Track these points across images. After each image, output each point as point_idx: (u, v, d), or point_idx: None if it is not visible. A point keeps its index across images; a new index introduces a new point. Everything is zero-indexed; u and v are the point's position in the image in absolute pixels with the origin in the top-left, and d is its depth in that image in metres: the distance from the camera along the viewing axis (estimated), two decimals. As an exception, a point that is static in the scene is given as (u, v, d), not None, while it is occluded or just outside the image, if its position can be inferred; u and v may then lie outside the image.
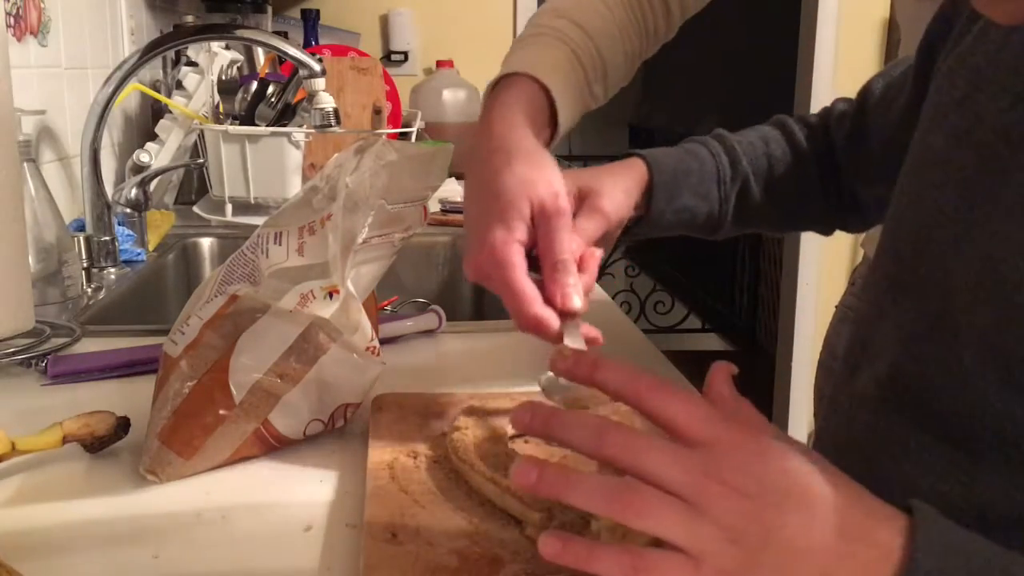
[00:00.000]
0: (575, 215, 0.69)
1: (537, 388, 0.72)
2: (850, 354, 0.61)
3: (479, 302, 1.51)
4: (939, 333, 0.51)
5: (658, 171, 0.76)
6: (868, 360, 0.57)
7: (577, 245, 0.65)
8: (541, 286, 0.62)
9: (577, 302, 0.61)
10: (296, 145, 1.54)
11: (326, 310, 0.63)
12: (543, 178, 0.64)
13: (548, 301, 0.60)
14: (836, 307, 1.09)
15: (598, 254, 0.68)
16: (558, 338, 0.60)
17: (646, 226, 0.77)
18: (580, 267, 0.63)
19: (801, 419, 3.01)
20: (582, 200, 0.71)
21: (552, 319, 0.60)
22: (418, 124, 1.86)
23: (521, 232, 0.62)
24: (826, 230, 0.86)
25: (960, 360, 0.49)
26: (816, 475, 0.39)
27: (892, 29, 2.97)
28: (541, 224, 0.63)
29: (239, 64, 1.71)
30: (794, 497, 0.38)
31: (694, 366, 0.64)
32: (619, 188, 0.73)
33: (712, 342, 4.43)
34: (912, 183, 0.58)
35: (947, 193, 0.52)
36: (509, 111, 0.70)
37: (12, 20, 1.21)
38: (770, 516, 0.38)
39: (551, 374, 0.60)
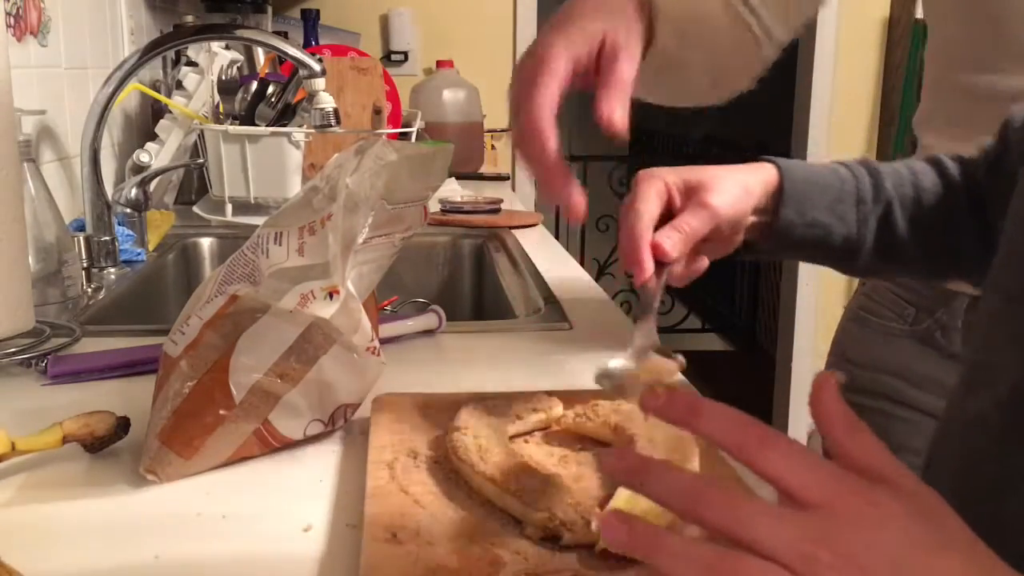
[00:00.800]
0: (680, 211, 0.66)
1: (537, 388, 0.72)
2: (965, 376, 0.58)
3: (479, 302, 1.51)
4: None
5: (789, 176, 0.68)
6: (986, 381, 0.54)
7: (674, 241, 0.63)
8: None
9: (668, 246, 0.61)
10: (296, 145, 1.54)
11: (326, 310, 0.63)
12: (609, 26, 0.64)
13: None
14: (845, 307, 1.09)
15: (702, 263, 0.66)
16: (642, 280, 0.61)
17: (774, 239, 0.70)
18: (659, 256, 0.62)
19: (801, 419, 3.02)
20: (689, 195, 0.66)
21: (649, 261, 0.61)
22: (418, 124, 1.86)
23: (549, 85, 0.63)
24: (978, 278, 0.72)
25: None
26: (941, 546, 0.36)
27: (892, 28, 2.97)
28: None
29: (239, 64, 1.71)
30: (915, 571, 0.35)
31: (694, 366, 0.64)
32: (735, 183, 0.67)
33: (712, 342, 4.43)
34: None
35: None
36: None
37: (12, 20, 1.21)
38: None
39: (611, 364, 0.60)
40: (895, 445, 0.97)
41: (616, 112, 0.63)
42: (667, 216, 0.66)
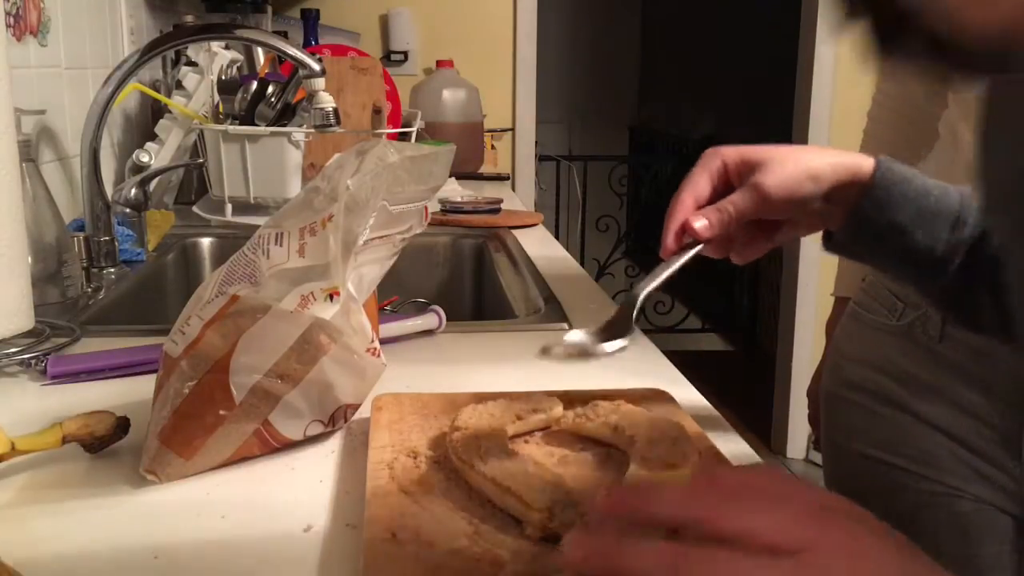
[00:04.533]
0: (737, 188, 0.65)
1: (537, 388, 0.72)
2: None
3: (479, 302, 1.51)
4: None
5: (884, 170, 0.64)
6: None
7: (710, 222, 0.63)
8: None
9: (667, 244, 0.63)
10: (296, 145, 1.54)
11: (327, 312, 0.63)
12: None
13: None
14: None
15: (764, 245, 0.66)
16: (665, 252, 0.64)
17: (849, 231, 0.66)
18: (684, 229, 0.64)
19: (801, 420, 3.01)
20: (745, 173, 0.65)
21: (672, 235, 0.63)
22: (418, 124, 1.86)
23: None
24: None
25: None
26: (918, 573, 0.36)
27: (892, 29, 2.97)
28: None
29: (239, 64, 1.71)
30: None
31: (694, 366, 0.64)
32: (797, 165, 0.63)
33: (712, 342, 4.43)
34: None
35: None
36: None
37: (12, 20, 1.21)
38: None
39: (567, 339, 0.61)
40: (874, 441, 0.98)
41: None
42: (727, 192, 0.65)
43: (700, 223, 0.63)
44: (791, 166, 0.64)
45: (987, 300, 0.63)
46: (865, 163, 0.65)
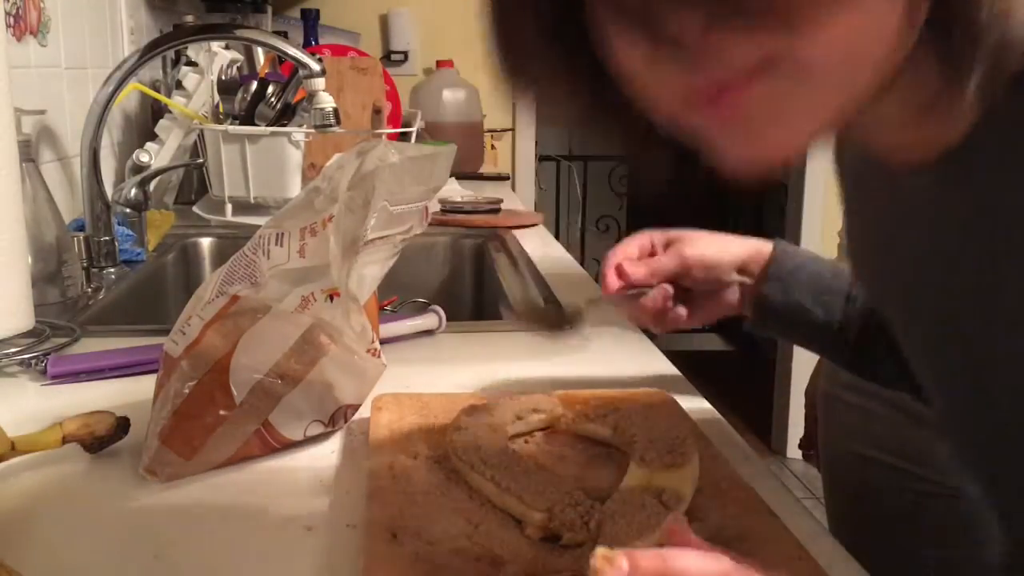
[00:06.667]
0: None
1: (537, 388, 0.72)
2: None
3: (479, 302, 1.51)
4: None
5: (782, 254, 0.73)
6: None
7: (636, 269, 0.73)
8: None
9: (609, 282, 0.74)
10: (296, 145, 1.54)
11: (327, 312, 0.63)
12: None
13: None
14: None
15: (682, 312, 0.75)
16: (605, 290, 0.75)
17: (759, 313, 0.74)
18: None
19: (801, 420, 3.01)
20: (667, 246, 0.75)
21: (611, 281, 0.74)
22: (418, 124, 1.86)
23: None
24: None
25: None
26: None
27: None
28: None
29: (239, 64, 1.71)
30: None
31: (694, 366, 0.64)
32: (713, 241, 0.74)
33: (712, 342, 4.43)
34: None
35: None
36: None
37: (12, 20, 1.21)
38: None
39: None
40: (873, 441, 0.98)
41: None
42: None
43: (631, 267, 0.73)
44: (707, 240, 0.74)
45: (887, 357, 0.68)
46: (766, 245, 0.74)
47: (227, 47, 1.68)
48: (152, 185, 1.48)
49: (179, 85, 1.64)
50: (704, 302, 0.76)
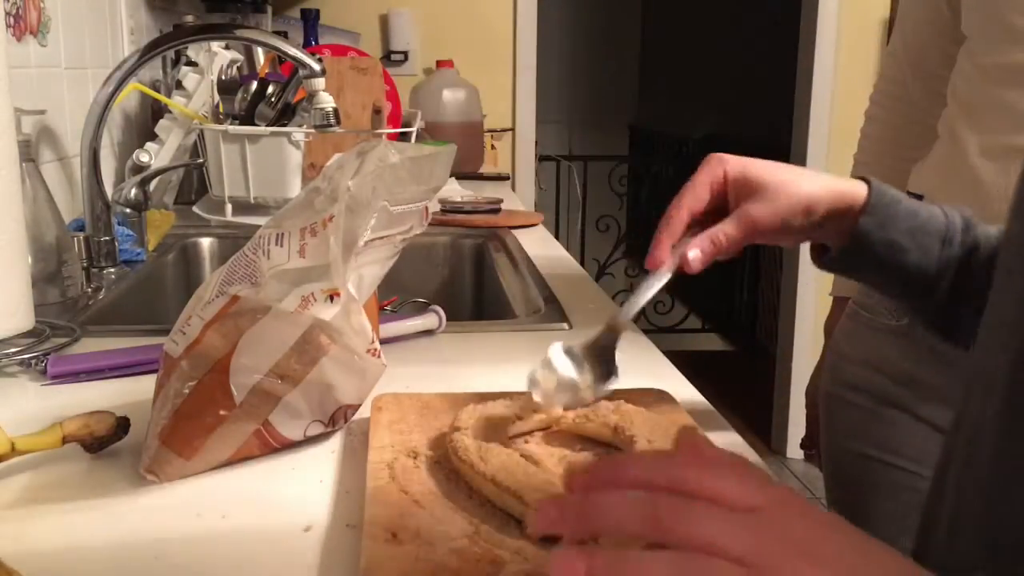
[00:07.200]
0: (731, 207, 0.66)
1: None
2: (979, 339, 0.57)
3: (479, 302, 1.52)
4: None
5: (879, 191, 0.66)
6: (1000, 342, 0.52)
7: (705, 255, 0.64)
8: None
9: (658, 256, 0.65)
10: (296, 145, 1.54)
11: (327, 312, 0.63)
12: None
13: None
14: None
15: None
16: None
17: (849, 249, 0.67)
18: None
19: (801, 420, 3.01)
20: (741, 195, 0.66)
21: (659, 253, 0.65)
22: (418, 124, 1.86)
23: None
24: None
25: None
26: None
27: (892, 29, 2.97)
28: None
29: (239, 64, 1.71)
30: (861, 555, 0.39)
31: (694, 366, 0.64)
32: (791, 199, 0.65)
33: (712, 342, 4.43)
34: None
35: None
36: None
37: (12, 20, 1.21)
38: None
39: (542, 366, 0.65)
40: (874, 441, 0.98)
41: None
42: (720, 204, 0.66)
43: (693, 254, 0.64)
44: (784, 199, 0.65)
45: (972, 318, 0.63)
46: (859, 188, 0.67)
47: (227, 47, 1.68)
48: (152, 185, 1.48)
49: (179, 85, 1.64)
50: (779, 237, 0.68)
